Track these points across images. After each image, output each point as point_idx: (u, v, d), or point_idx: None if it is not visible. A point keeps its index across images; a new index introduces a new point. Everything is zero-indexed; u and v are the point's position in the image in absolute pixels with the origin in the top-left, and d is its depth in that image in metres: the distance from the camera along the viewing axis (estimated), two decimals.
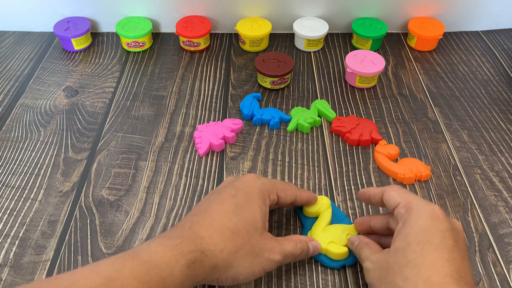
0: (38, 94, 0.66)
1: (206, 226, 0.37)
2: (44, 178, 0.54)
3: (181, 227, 0.38)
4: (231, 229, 0.37)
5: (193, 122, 0.61)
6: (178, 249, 0.34)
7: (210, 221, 0.37)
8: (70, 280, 0.29)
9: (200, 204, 0.41)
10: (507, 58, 0.74)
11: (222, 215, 0.38)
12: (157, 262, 0.33)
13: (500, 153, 0.57)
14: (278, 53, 0.68)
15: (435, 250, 0.34)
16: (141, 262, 0.32)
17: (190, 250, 0.35)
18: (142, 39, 0.74)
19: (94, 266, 0.32)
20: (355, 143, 0.58)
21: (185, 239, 0.35)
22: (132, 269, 0.31)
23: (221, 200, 0.39)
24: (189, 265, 0.34)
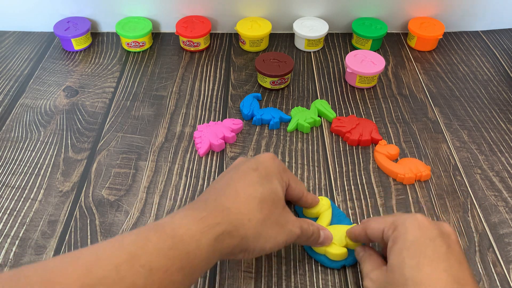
0: (38, 94, 0.66)
1: (232, 197, 0.36)
2: (44, 178, 0.54)
3: (205, 200, 0.37)
4: (258, 198, 0.37)
5: (193, 122, 0.61)
6: (204, 222, 0.33)
7: (235, 192, 0.37)
8: (93, 255, 0.28)
9: (219, 180, 0.40)
10: (507, 58, 0.74)
11: (247, 185, 0.37)
12: (182, 236, 0.32)
13: (500, 153, 0.57)
14: (278, 53, 0.68)
15: (430, 262, 0.34)
16: (165, 236, 0.31)
17: (217, 223, 0.34)
18: (142, 39, 0.74)
19: (117, 241, 0.30)
20: (355, 143, 0.58)
21: (211, 211, 0.35)
22: (156, 245, 0.30)
23: (243, 173, 0.39)
24: (216, 237, 0.33)
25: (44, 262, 0.28)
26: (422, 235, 0.35)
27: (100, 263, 0.27)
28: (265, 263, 0.45)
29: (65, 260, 0.28)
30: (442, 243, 0.35)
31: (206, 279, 0.44)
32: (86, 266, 0.27)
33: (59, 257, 0.28)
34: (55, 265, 0.27)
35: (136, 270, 0.28)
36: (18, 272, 0.26)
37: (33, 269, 0.26)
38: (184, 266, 0.31)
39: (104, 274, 0.27)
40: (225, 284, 0.43)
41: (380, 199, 0.52)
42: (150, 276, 0.28)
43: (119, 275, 0.27)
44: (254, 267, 0.45)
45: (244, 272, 0.44)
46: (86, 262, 0.27)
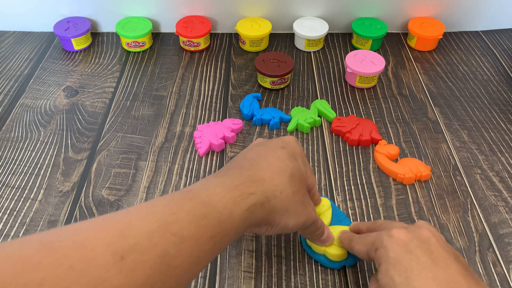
0: (38, 94, 0.66)
1: (266, 168, 0.36)
2: (44, 178, 0.54)
3: (239, 168, 0.36)
4: (289, 173, 0.36)
5: (193, 122, 0.61)
6: (238, 191, 0.33)
7: (269, 164, 0.36)
8: (125, 220, 0.28)
9: (247, 152, 0.39)
10: (507, 58, 0.74)
11: (279, 159, 0.37)
12: (215, 204, 0.31)
13: (500, 153, 0.57)
14: (278, 53, 0.68)
15: (417, 274, 0.33)
16: (199, 204, 0.31)
17: (251, 192, 0.33)
18: (142, 39, 0.74)
19: (150, 206, 0.30)
20: (355, 143, 0.58)
21: (246, 181, 0.34)
22: (189, 212, 0.30)
23: (272, 149, 0.38)
24: (248, 207, 0.33)
25: (75, 225, 0.27)
26: (402, 250, 0.35)
27: (132, 229, 0.27)
28: (265, 263, 0.45)
29: (97, 224, 0.27)
30: (423, 252, 0.35)
31: (206, 279, 0.44)
32: (118, 231, 0.26)
33: (90, 220, 0.28)
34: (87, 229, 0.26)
35: (167, 238, 0.28)
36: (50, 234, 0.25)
37: (64, 232, 0.26)
38: (215, 235, 0.31)
39: (135, 240, 0.26)
40: (225, 284, 0.43)
41: (380, 199, 0.52)
42: (181, 244, 0.28)
43: (151, 242, 0.27)
44: (254, 267, 0.45)
45: (244, 272, 0.44)
46: (118, 227, 0.27)
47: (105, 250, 0.25)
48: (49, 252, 0.24)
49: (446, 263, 0.34)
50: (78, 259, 0.24)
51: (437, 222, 0.49)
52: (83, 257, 0.24)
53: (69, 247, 0.24)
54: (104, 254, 0.25)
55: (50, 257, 0.23)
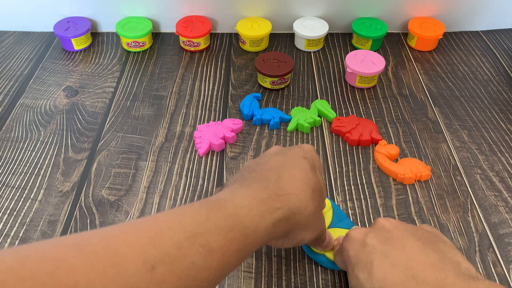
0: (38, 94, 0.66)
1: (291, 182, 0.35)
2: (44, 178, 0.54)
3: (265, 180, 0.35)
4: (312, 187, 0.36)
5: (193, 122, 0.61)
6: (265, 205, 0.32)
7: (293, 177, 0.35)
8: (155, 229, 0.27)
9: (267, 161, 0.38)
10: (507, 58, 0.74)
11: (302, 172, 0.36)
12: (242, 217, 0.31)
13: (500, 153, 0.57)
14: (278, 53, 0.68)
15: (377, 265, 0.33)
16: (226, 216, 0.30)
17: (277, 207, 0.33)
18: (142, 39, 0.74)
19: (178, 214, 0.29)
20: (355, 143, 0.58)
21: (272, 195, 0.33)
22: (217, 223, 0.29)
23: (294, 159, 0.37)
24: (274, 222, 0.32)
25: (105, 230, 0.27)
26: (359, 246, 0.36)
27: (162, 239, 0.27)
28: (265, 263, 0.45)
29: (127, 230, 0.27)
30: (378, 241, 0.35)
31: None
32: (148, 239, 0.26)
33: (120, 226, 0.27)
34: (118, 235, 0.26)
35: (196, 250, 0.27)
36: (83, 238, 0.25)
37: (96, 236, 0.26)
38: (241, 249, 0.30)
39: (166, 250, 0.26)
40: (225, 284, 0.43)
41: (380, 199, 0.52)
42: (209, 256, 0.28)
43: (181, 253, 0.27)
44: (254, 267, 0.45)
45: (244, 272, 0.44)
46: (148, 236, 0.27)
47: (137, 258, 0.25)
48: (82, 256, 0.24)
49: (402, 244, 0.34)
50: (110, 264, 0.24)
51: (437, 222, 0.49)
52: (115, 263, 0.24)
53: (101, 252, 0.24)
54: (135, 262, 0.25)
55: (83, 260, 0.24)
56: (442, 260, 0.33)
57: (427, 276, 0.31)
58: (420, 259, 0.33)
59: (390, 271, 0.33)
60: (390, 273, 0.32)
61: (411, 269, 0.32)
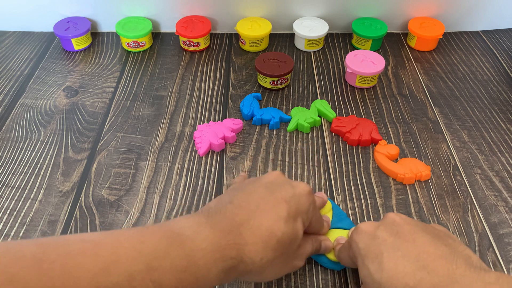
0: (38, 94, 0.66)
1: (255, 230, 0.35)
2: (44, 178, 0.54)
3: (231, 222, 0.35)
4: (278, 239, 0.35)
5: (193, 122, 0.61)
6: (220, 252, 0.33)
7: (260, 224, 0.35)
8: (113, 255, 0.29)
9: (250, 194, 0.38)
10: (507, 58, 0.74)
11: (273, 220, 0.36)
12: (197, 261, 0.32)
13: (500, 153, 0.57)
14: (278, 53, 0.68)
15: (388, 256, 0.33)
16: (183, 255, 0.31)
17: (232, 257, 0.33)
18: (142, 39, 0.74)
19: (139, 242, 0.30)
20: (355, 143, 0.58)
21: (231, 243, 0.34)
22: (173, 262, 0.31)
23: (274, 203, 0.37)
24: (224, 270, 0.33)
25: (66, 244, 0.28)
26: (369, 238, 0.36)
27: (117, 267, 0.28)
28: None
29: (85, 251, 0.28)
30: (389, 234, 0.35)
31: None
32: (104, 266, 0.27)
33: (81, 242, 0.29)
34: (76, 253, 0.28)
35: (146, 284, 0.29)
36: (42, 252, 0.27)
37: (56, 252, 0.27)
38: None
39: (118, 280, 0.27)
40: (225, 285, 0.43)
41: (380, 199, 0.52)
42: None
43: (131, 285, 0.28)
44: None
45: None
46: (105, 262, 0.28)
47: (89, 283, 0.26)
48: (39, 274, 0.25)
49: (412, 238, 0.34)
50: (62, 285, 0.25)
51: (437, 222, 0.49)
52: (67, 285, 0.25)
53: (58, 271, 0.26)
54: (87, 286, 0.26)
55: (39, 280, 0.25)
56: (452, 253, 0.33)
57: (438, 266, 0.32)
58: (431, 251, 0.33)
59: (400, 262, 0.33)
60: (400, 264, 0.33)
61: (422, 260, 0.32)
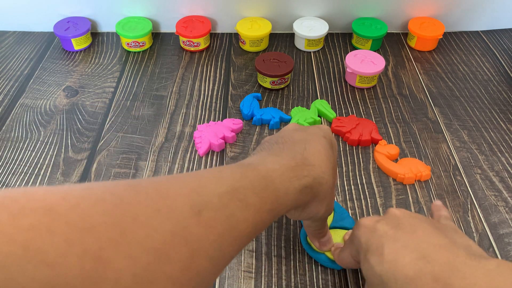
0: (38, 94, 0.66)
1: (315, 155, 0.37)
2: (44, 178, 0.54)
3: (292, 150, 0.37)
4: (332, 163, 0.38)
5: (193, 122, 0.61)
6: (294, 171, 0.34)
7: (318, 151, 0.37)
8: (197, 182, 0.29)
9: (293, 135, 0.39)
10: (507, 58, 0.74)
11: (324, 148, 0.38)
12: (274, 179, 0.33)
13: (500, 153, 0.57)
14: (278, 53, 0.68)
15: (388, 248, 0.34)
16: (260, 177, 0.32)
17: (304, 175, 0.35)
18: (142, 39, 0.74)
19: (216, 172, 0.31)
20: (355, 143, 0.58)
21: (300, 163, 0.35)
22: (252, 182, 0.31)
23: (316, 136, 0.39)
24: (301, 189, 0.34)
25: (153, 178, 0.29)
26: (370, 232, 0.36)
27: (205, 189, 0.29)
28: (265, 263, 0.45)
29: (172, 181, 0.29)
30: (389, 226, 0.35)
31: None
32: (193, 189, 0.28)
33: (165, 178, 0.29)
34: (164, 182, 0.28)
35: (234, 203, 0.29)
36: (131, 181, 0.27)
37: (144, 181, 0.28)
38: (273, 209, 0.32)
39: (209, 198, 0.28)
40: (225, 284, 0.43)
41: (380, 199, 0.52)
42: (245, 210, 0.30)
43: (222, 203, 0.28)
44: (254, 267, 0.45)
45: (244, 272, 0.44)
46: (192, 186, 0.29)
47: (185, 202, 0.27)
48: (138, 194, 0.26)
49: (412, 229, 0.35)
50: (163, 204, 0.26)
51: None
52: (166, 204, 0.26)
53: (153, 193, 0.26)
54: (184, 205, 0.26)
55: (139, 197, 0.25)
56: (453, 243, 0.33)
57: (438, 255, 0.32)
58: (431, 241, 0.33)
59: (401, 252, 0.33)
60: (401, 255, 0.33)
61: (422, 249, 0.33)
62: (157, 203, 0.26)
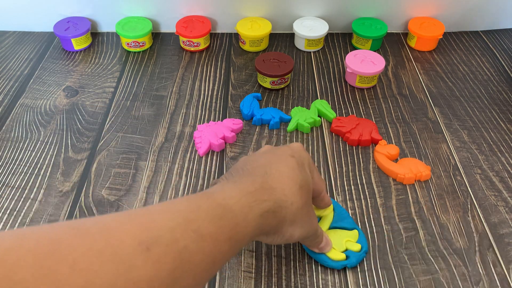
0: (38, 94, 0.66)
1: (277, 178, 0.36)
2: (44, 178, 0.54)
3: (251, 175, 0.36)
4: (299, 184, 0.36)
5: (193, 122, 0.61)
6: (253, 196, 0.33)
7: (280, 173, 0.36)
8: (148, 216, 0.28)
9: (256, 159, 0.39)
10: (507, 58, 0.74)
11: (289, 170, 0.37)
12: (232, 206, 0.32)
13: (500, 153, 0.57)
14: (278, 53, 0.68)
15: None
16: (216, 204, 0.32)
17: (264, 199, 0.34)
18: (142, 39, 0.74)
19: (170, 205, 0.31)
20: (355, 143, 0.58)
21: (259, 188, 0.34)
22: (207, 212, 0.30)
23: (282, 157, 0.38)
24: (262, 214, 0.33)
25: (97, 217, 0.28)
26: None
27: (156, 225, 0.28)
28: (265, 263, 0.45)
29: (120, 219, 0.28)
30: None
31: None
32: (142, 225, 0.27)
33: (112, 215, 0.28)
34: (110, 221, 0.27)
35: (188, 235, 0.28)
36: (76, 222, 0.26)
37: (90, 221, 0.26)
38: (232, 237, 0.31)
39: (159, 233, 0.27)
40: (225, 284, 0.43)
41: (380, 199, 0.52)
42: (201, 241, 0.29)
43: (173, 237, 0.27)
44: (254, 267, 0.45)
45: (244, 272, 0.44)
46: (142, 222, 0.28)
47: (132, 240, 0.26)
48: (79, 236, 0.24)
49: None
50: (106, 245, 0.24)
51: (437, 222, 0.49)
52: (111, 244, 0.25)
53: (97, 235, 0.25)
54: (131, 243, 0.25)
55: (80, 240, 0.24)
56: None
57: None
58: None
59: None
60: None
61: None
62: (100, 243, 0.24)
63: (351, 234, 0.46)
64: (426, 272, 0.45)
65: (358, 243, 0.45)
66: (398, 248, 0.47)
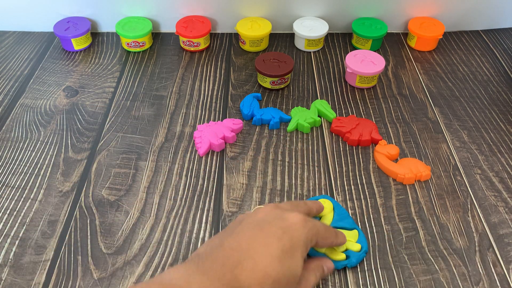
0: (38, 94, 0.66)
1: (248, 272, 0.34)
2: (44, 178, 0.54)
3: (224, 265, 0.34)
4: (273, 278, 0.34)
5: (193, 122, 0.61)
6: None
7: (253, 265, 0.34)
8: None
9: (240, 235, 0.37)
10: (507, 58, 0.74)
11: (267, 260, 0.35)
12: None
13: (500, 154, 0.57)
14: (278, 53, 0.68)
15: None
16: None
17: None
18: (142, 39, 0.74)
19: None
20: (355, 143, 0.58)
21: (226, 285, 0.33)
22: None
23: (265, 241, 0.36)
24: None
25: None
26: None
27: None
28: None
29: None
30: None
31: None
32: None
33: None
34: None
35: None
36: None
37: None
38: None
39: None
40: None
41: (380, 199, 0.52)
42: None
43: None
44: None
45: None
46: None
47: None
48: None
49: None
50: None
51: (437, 222, 0.49)
52: None
53: None
54: None
55: None
56: None
57: None
58: None
59: None
60: None
61: None
62: None
63: (351, 234, 0.46)
64: (426, 272, 0.45)
65: (358, 243, 0.45)
66: (398, 248, 0.47)
